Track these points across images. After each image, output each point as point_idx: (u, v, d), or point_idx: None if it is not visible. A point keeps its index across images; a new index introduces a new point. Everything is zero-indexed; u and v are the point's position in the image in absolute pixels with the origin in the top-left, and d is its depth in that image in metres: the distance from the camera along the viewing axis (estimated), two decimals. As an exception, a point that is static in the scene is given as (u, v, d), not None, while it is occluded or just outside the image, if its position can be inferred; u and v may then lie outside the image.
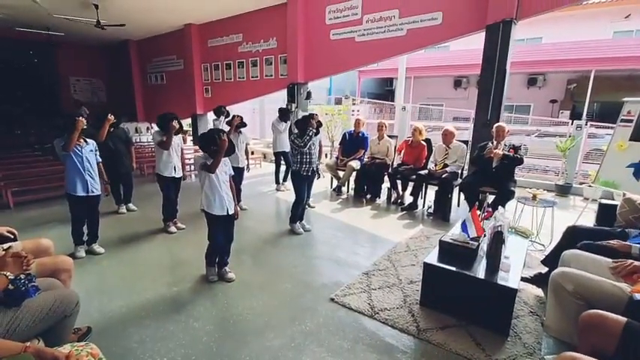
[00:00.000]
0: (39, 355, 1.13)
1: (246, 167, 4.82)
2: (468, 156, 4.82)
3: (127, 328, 2.21)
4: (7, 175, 5.16)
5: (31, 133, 10.95)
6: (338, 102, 16.36)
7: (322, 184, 5.97)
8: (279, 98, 8.76)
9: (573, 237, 2.42)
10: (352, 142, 5.69)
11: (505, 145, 4.17)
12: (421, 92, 17.54)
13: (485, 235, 2.47)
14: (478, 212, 2.75)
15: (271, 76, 7.79)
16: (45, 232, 3.73)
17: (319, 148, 4.47)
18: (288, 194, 5.51)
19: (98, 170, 3.32)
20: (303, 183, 3.84)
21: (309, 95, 7.16)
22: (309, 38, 6.92)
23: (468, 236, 2.50)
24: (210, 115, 9.29)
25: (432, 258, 2.46)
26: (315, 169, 3.87)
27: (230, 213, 2.73)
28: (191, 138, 9.69)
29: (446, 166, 4.69)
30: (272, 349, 2.03)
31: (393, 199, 5.15)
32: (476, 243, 2.44)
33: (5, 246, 1.63)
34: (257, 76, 8.10)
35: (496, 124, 4.32)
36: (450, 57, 14.80)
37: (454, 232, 2.67)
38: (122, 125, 4.93)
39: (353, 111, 13.53)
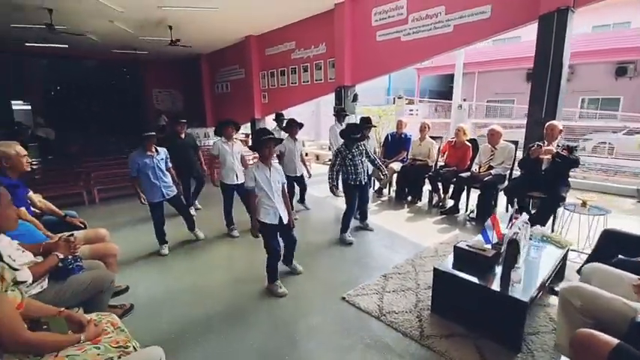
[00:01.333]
0: (69, 319, 1.46)
1: (306, 173, 4.71)
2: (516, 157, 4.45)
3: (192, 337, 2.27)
4: (96, 176, 6.20)
5: (122, 139, 12.80)
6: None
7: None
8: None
9: (609, 243, 2.16)
10: (394, 144, 5.63)
11: (558, 145, 3.78)
12: (488, 88, 16.28)
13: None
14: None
15: (321, 80, 8.03)
16: (119, 221, 4.44)
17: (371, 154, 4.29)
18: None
19: (171, 175, 3.61)
20: (352, 193, 3.73)
21: (355, 98, 7.23)
22: (355, 41, 6.99)
23: (490, 242, 2.39)
24: (268, 121, 9.93)
25: (445, 264, 2.40)
26: (364, 179, 3.74)
27: (284, 222, 2.70)
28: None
29: (491, 168, 4.40)
30: (274, 341, 2.21)
31: (434, 203, 4.98)
32: (493, 251, 2.32)
33: (67, 234, 2.06)
34: (308, 81, 8.42)
35: (548, 123, 3.94)
36: (521, 48, 13.50)
37: (476, 239, 2.56)
38: (191, 132, 5.46)
39: (411, 110, 13.17)
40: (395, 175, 5.41)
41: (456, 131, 4.83)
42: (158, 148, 3.55)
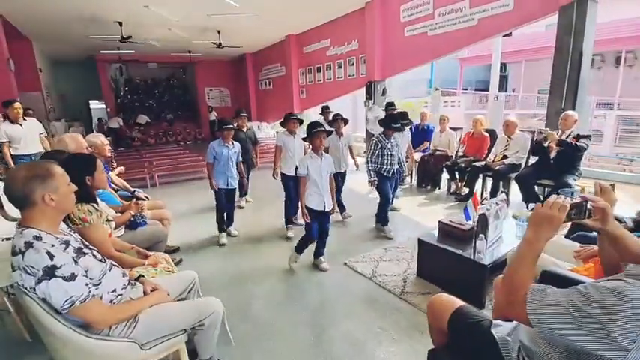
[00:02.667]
0: (137, 251, 2.16)
1: (353, 165, 4.53)
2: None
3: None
4: (157, 164, 7.28)
5: (178, 133, 14.31)
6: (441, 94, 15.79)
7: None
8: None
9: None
10: (418, 135, 5.94)
11: (571, 135, 3.89)
12: (538, 77, 15.35)
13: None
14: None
15: (353, 75, 8.45)
16: (174, 199, 5.34)
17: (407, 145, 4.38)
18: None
19: (238, 169, 3.81)
20: (385, 183, 3.75)
21: (384, 92, 7.55)
22: (385, 37, 7.30)
23: (469, 219, 2.75)
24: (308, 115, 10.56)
25: (429, 236, 2.82)
26: (398, 170, 3.78)
27: (327, 209, 2.92)
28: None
29: (505, 157, 4.58)
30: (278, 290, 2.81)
31: (452, 191, 5.25)
32: (470, 226, 2.69)
33: (137, 199, 2.83)
34: (342, 77, 8.88)
35: (563, 113, 4.05)
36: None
37: (461, 216, 2.93)
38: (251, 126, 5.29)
39: (453, 102, 13.01)
40: (416, 165, 5.73)
41: (473, 122, 5.04)
42: (234, 142, 3.75)
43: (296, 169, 3.79)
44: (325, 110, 5.95)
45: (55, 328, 1.28)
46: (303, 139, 2.94)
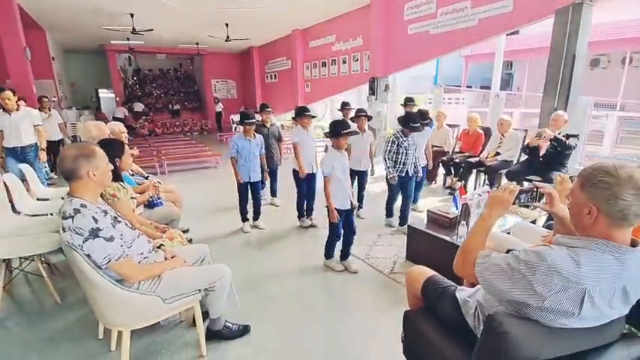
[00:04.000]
0: (156, 227, 2.45)
1: (370, 170, 4.23)
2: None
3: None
4: (166, 152, 7.58)
5: (185, 123, 14.59)
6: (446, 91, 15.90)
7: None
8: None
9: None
10: (416, 131, 6.14)
11: (559, 134, 4.11)
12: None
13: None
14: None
15: (357, 71, 8.65)
16: (182, 185, 5.62)
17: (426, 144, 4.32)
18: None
19: (260, 161, 3.80)
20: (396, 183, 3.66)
21: (387, 88, 7.76)
22: (389, 34, 7.49)
23: (457, 208, 3.01)
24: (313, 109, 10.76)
25: (418, 223, 3.08)
26: (411, 171, 3.65)
27: (352, 207, 2.87)
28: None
29: (498, 154, 4.81)
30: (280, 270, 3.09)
31: (447, 185, 5.49)
32: (456, 214, 2.94)
33: (155, 180, 3.12)
34: (346, 72, 9.09)
35: (554, 113, 4.27)
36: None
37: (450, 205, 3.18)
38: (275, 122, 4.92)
39: (457, 99, 13.16)
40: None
41: (468, 120, 5.26)
42: (256, 134, 3.77)
43: (312, 167, 3.88)
44: (345, 107, 5.72)
45: (96, 281, 1.56)
46: (326, 135, 2.80)
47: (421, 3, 6.65)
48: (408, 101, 5.16)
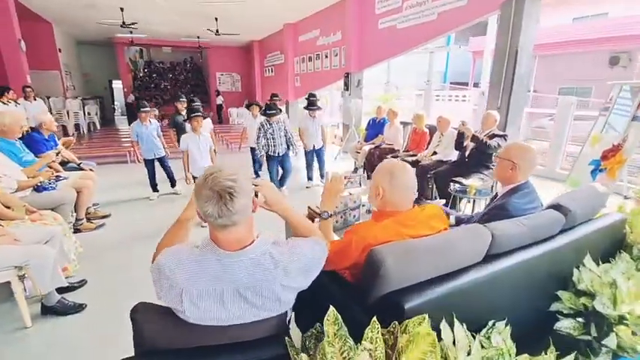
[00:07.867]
0: (27, 209, 2.64)
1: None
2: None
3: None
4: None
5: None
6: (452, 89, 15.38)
7: (349, 165, 6.59)
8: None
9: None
10: (374, 128, 6.07)
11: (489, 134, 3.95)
12: (558, 74, 14.47)
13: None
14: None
15: (336, 66, 8.58)
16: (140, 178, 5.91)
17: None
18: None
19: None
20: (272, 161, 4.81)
21: (359, 83, 7.65)
22: (362, 28, 7.37)
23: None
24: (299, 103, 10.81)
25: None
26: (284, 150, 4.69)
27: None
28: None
29: (435, 153, 4.67)
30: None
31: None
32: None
33: (55, 151, 3.36)
34: (328, 67, 9.03)
35: (485, 112, 4.10)
36: (604, 26, 11.75)
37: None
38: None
39: (464, 96, 12.70)
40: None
41: (414, 118, 5.13)
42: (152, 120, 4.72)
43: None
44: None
45: None
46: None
47: (389, -4, 6.50)
48: (274, 96, 6.24)
